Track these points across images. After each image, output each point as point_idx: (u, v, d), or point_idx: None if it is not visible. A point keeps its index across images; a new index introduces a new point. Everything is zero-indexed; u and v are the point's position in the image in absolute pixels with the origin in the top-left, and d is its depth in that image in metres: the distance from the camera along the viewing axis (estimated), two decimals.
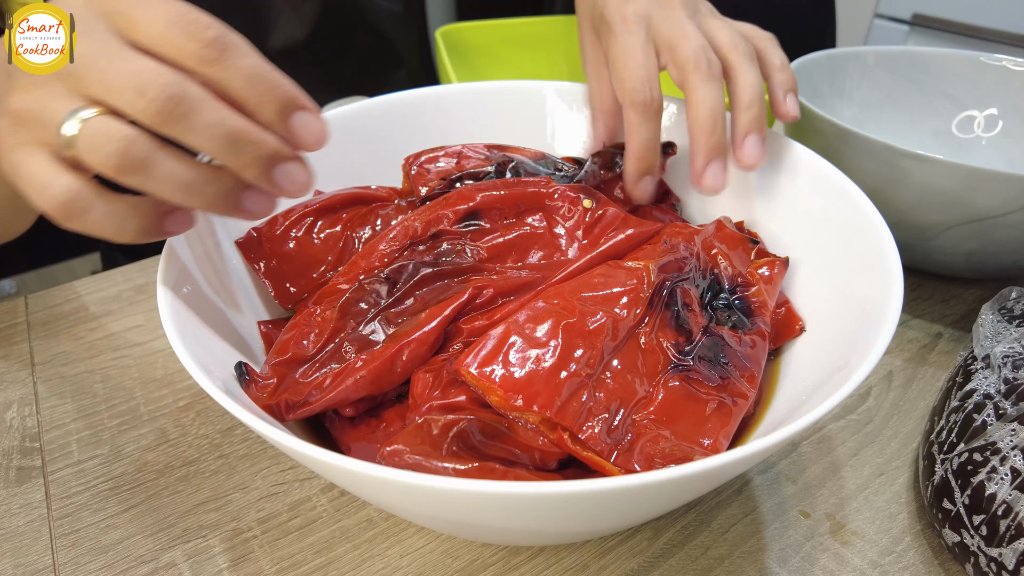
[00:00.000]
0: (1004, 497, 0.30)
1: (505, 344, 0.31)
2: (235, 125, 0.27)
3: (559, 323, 0.32)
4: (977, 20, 1.54)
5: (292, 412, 0.33)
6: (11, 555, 0.34)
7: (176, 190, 0.27)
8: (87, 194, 0.28)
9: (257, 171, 0.28)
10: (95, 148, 0.26)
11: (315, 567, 0.33)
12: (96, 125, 0.26)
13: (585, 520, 0.28)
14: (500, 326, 0.32)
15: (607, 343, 0.32)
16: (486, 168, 0.43)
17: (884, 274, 0.33)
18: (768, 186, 0.44)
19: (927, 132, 0.65)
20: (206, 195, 0.28)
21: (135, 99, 0.26)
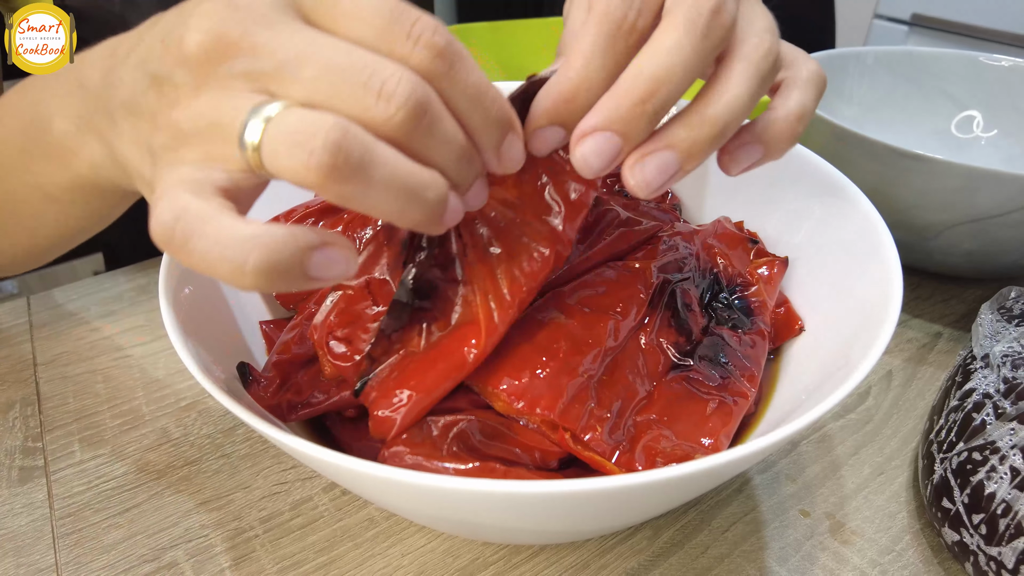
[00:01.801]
0: (1003, 496, 0.30)
1: (505, 348, 0.31)
2: (466, 143, 0.24)
3: (559, 325, 0.32)
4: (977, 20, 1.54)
5: (294, 413, 0.33)
6: (13, 555, 0.34)
7: (398, 195, 0.21)
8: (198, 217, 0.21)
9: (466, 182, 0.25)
10: (293, 147, 0.20)
11: (317, 566, 0.34)
12: (289, 119, 0.20)
13: (586, 519, 0.28)
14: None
15: (608, 344, 0.32)
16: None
17: (884, 274, 0.33)
18: (768, 186, 0.44)
19: (927, 132, 0.65)
20: (428, 199, 0.22)
21: (375, 102, 0.21)
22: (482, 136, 0.24)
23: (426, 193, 0.22)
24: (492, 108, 0.24)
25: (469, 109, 0.23)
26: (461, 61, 0.23)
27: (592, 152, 0.25)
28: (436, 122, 0.22)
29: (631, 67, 0.25)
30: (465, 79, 0.23)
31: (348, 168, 0.20)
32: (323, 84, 0.21)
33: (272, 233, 0.20)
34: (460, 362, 0.30)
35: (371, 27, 0.22)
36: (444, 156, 0.23)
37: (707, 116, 0.25)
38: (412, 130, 0.21)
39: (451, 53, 0.22)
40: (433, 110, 0.22)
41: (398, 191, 0.21)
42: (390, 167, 0.21)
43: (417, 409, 0.30)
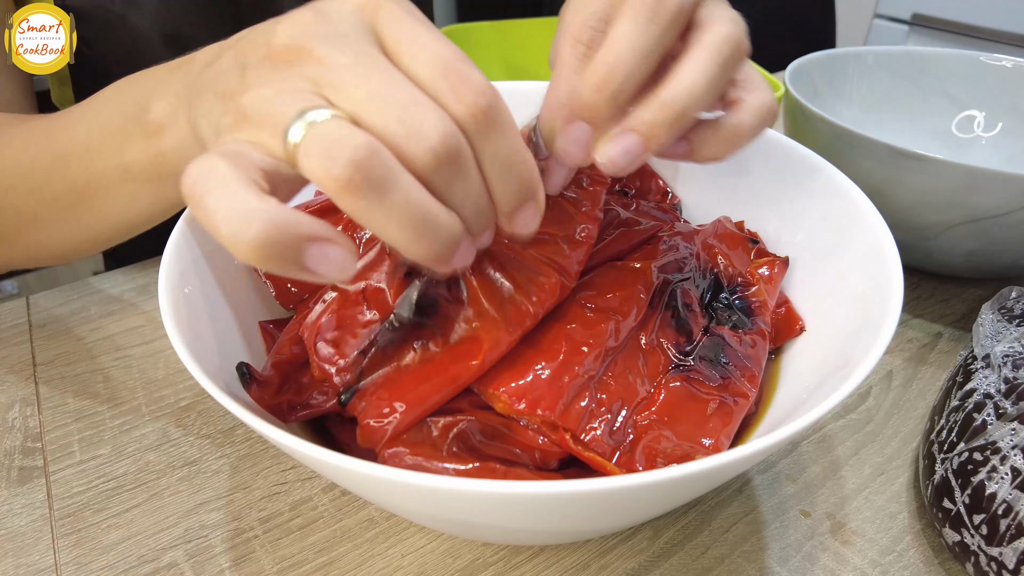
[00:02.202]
0: (1004, 496, 0.30)
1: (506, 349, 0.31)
2: (485, 202, 0.25)
3: (559, 326, 0.32)
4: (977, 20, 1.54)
5: (294, 413, 0.33)
6: (13, 555, 0.34)
7: (407, 224, 0.22)
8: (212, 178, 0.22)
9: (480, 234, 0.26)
10: (323, 153, 0.21)
11: (316, 567, 0.33)
12: (329, 127, 0.22)
13: (586, 520, 0.28)
14: None
15: (608, 344, 0.32)
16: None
17: (884, 274, 0.33)
18: (768, 186, 0.44)
19: (927, 132, 0.65)
20: (439, 236, 0.23)
21: (408, 139, 0.22)
22: (502, 198, 0.26)
23: (439, 230, 0.23)
24: (518, 176, 0.25)
25: (496, 171, 0.25)
26: (500, 124, 0.24)
27: (570, 142, 0.28)
28: (461, 171, 0.23)
29: (592, 61, 0.27)
30: (497, 143, 0.24)
31: (365, 185, 0.21)
32: (369, 106, 0.23)
33: (280, 212, 0.21)
34: (455, 377, 0.30)
35: (427, 69, 0.24)
36: (461, 204, 0.24)
37: (665, 100, 0.27)
38: (436, 171, 0.23)
39: (490, 115, 0.24)
40: (461, 161, 0.23)
41: (410, 220, 0.22)
42: (406, 195, 0.22)
43: (407, 420, 0.30)
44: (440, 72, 0.23)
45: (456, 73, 0.23)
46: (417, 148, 0.22)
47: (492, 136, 0.24)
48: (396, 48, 0.24)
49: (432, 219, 0.23)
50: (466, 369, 0.30)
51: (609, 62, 0.27)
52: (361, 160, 0.21)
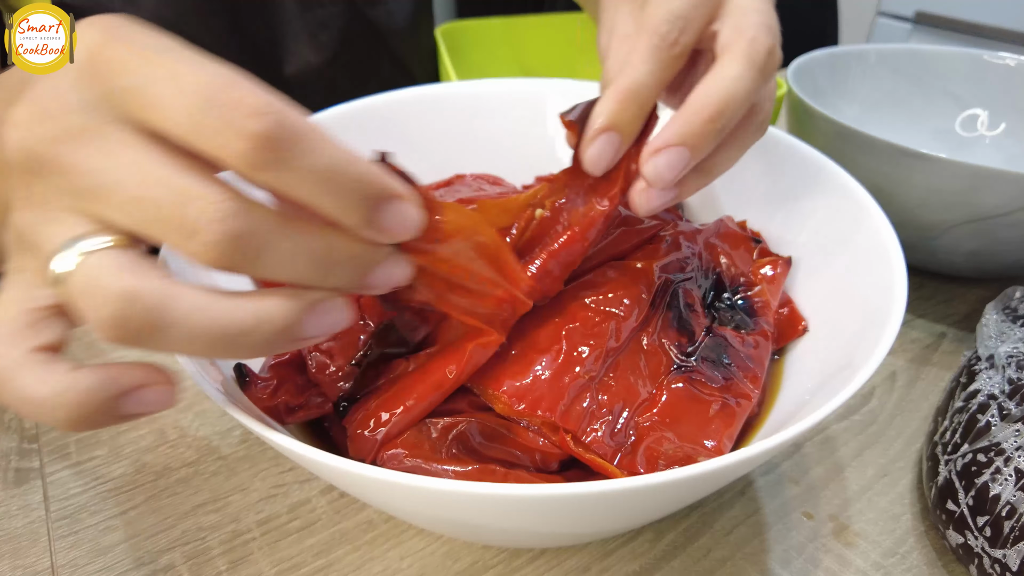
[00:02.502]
0: (1008, 498, 0.30)
1: (506, 350, 0.31)
2: (318, 249, 0.21)
3: (560, 326, 0.32)
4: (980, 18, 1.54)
5: (292, 415, 0.32)
6: (9, 557, 0.34)
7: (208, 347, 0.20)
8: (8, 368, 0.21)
9: (350, 286, 0.23)
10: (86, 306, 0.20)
11: (315, 569, 0.33)
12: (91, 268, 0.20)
13: (587, 522, 0.28)
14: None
15: (609, 345, 0.32)
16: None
17: (887, 274, 0.33)
18: (770, 185, 0.44)
19: (930, 131, 0.64)
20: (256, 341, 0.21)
21: (183, 240, 0.19)
22: (346, 216, 0.21)
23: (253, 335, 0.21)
24: (346, 186, 0.21)
25: (317, 195, 0.20)
26: (291, 143, 0.19)
27: (666, 165, 0.28)
28: (263, 249, 0.20)
29: (700, 90, 0.28)
30: (301, 164, 0.20)
31: (136, 335, 0.19)
32: (134, 215, 0.20)
33: (77, 388, 0.20)
34: (440, 381, 0.30)
35: (184, 120, 0.19)
36: (287, 275, 0.21)
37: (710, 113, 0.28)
38: (234, 262, 0.20)
39: (275, 138, 0.19)
40: (256, 236, 0.20)
41: (209, 342, 0.20)
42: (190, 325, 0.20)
43: (396, 430, 0.30)
44: (198, 117, 0.19)
45: (218, 106, 0.19)
46: (198, 250, 0.19)
47: (290, 162, 0.19)
48: (141, 109, 0.20)
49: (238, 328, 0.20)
50: (448, 371, 0.30)
51: (724, 99, 0.28)
52: (118, 316, 0.19)
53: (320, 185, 0.20)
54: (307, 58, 0.65)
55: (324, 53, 0.66)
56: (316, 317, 0.22)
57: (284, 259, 0.20)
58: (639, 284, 0.34)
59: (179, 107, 0.19)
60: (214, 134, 0.19)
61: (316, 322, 0.22)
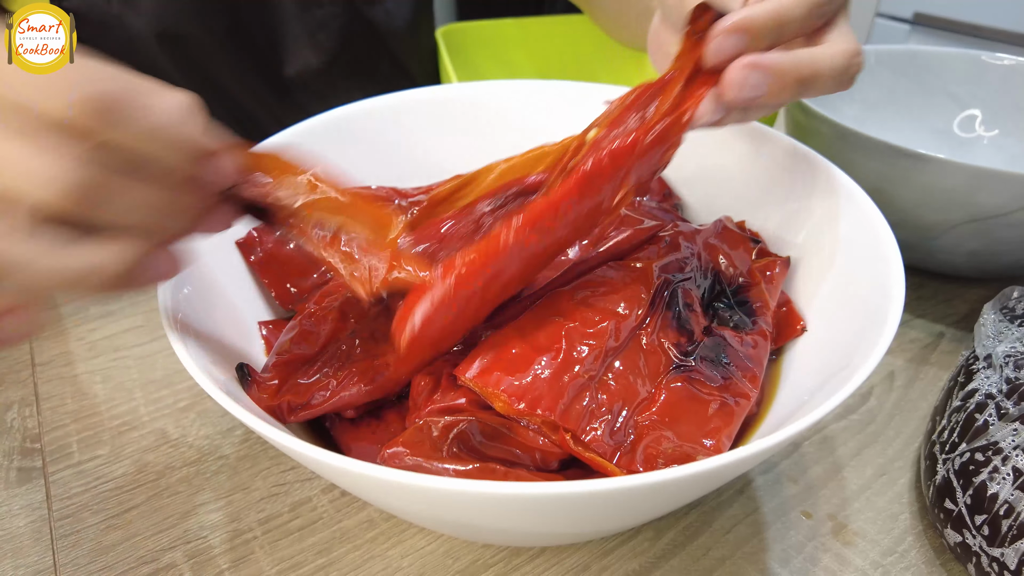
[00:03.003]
0: (1006, 497, 0.30)
1: (506, 349, 0.31)
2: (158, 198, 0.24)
3: (560, 325, 0.32)
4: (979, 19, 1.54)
5: (294, 414, 0.33)
6: (12, 556, 0.34)
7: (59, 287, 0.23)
8: None
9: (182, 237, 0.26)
10: None
11: (316, 568, 0.33)
12: None
13: (587, 521, 0.28)
14: (501, 330, 0.32)
15: (609, 344, 0.32)
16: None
17: (886, 274, 0.33)
18: (769, 185, 0.44)
19: (929, 131, 0.65)
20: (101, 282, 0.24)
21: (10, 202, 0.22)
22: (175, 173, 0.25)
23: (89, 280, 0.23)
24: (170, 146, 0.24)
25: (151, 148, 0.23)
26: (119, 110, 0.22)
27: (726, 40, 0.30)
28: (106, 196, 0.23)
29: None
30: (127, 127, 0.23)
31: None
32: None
33: None
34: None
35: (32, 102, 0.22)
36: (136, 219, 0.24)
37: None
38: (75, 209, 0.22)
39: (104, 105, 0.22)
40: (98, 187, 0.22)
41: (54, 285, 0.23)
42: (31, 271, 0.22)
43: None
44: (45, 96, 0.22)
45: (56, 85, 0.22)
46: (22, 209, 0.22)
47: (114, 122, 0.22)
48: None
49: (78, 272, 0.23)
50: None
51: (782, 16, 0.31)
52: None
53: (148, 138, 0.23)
54: (306, 59, 0.65)
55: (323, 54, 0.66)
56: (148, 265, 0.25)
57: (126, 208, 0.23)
58: (638, 284, 0.34)
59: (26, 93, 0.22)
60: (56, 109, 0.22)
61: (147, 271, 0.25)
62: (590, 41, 0.83)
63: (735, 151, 0.46)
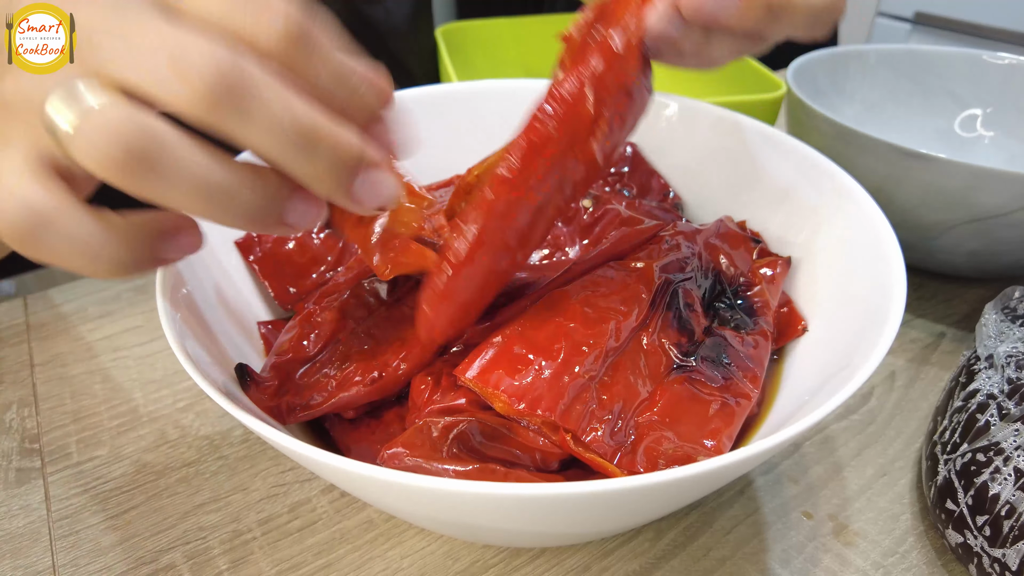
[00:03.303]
0: (1007, 498, 0.30)
1: (506, 349, 0.31)
2: (308, 118, 0.21)
3: (560, 325, 0.32)
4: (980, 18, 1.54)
5: (294, 415, 0.32)
6: (11, 557, 0.34)
7: (197, 197, 0.21)
8: (51, 210, 0.21)
9: (333, 181, 0.22)
10: (89, 141, 0.19)
11: (315, 568, 0.33)
12: (94, 111, 0.19)
13: (587, 521, 0.28)
14: (501, 330, 0.32)
15: (609, 344, 0.32)
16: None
17: (887, 274, 0.33)
18: (770, 185, 0.44)
19: (929, 131, 0.64)
20: (239, 204, 0.21)
21: (169, 79, 0.19)
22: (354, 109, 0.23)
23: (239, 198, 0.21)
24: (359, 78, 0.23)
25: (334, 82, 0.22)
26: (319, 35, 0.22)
27: None
28: (250, 95, 0.20)
29: None
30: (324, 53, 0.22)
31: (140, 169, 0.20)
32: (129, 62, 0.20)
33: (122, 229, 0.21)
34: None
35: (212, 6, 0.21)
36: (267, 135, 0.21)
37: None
38: (212, 107, 0.20)
39: (305, 26, 0.21)
40: (246, 81, 0.20)
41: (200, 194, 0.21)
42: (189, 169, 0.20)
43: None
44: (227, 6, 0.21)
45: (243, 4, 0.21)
46: (177, 89, 0.19)
47: (312, 45, 0.21)
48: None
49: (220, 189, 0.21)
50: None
51: None
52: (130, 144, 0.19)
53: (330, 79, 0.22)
54: None
55: None
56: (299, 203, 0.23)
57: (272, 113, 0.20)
58: (639, 284, 0.34)
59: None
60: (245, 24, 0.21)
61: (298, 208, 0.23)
62: None
63: (736, 151, 0.46)
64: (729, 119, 0.46)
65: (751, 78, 0.66)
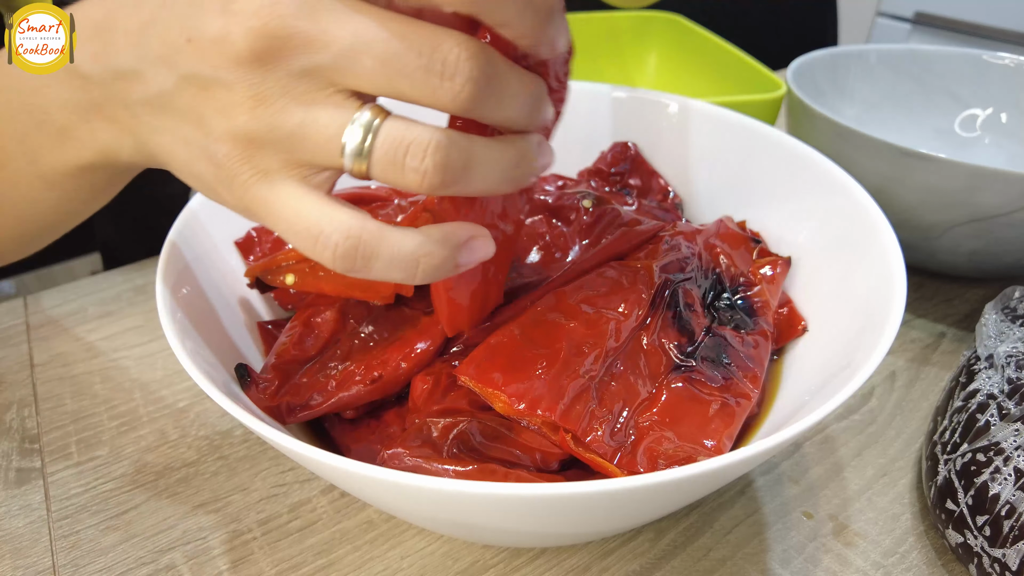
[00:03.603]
0: (1007, 498, 0.30)
1: (507, 349, 0.31)
2: (534, 86, 0.23)
3: (561, 326, 0.32)
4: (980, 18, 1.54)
5: (293, 415, 0.32)
6: (11, 557, 0.34)
7: (500, 180, 0.24)
8: (371, 234, 0.22)
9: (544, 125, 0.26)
10: (404, 166, 0.22)
11: (315, 569, 0.33)
12: (393, 133, 0.22)
13: (587, 522, 0.28)
14: (501, 331, 0.32)
15: (609, 345, 0.32)
16: None
17: (887, 274, 0.33)
18: (770, 185, 0.44)
19: (929, 131, 0.64)
20: (525, 170, 0.25)
21: (439, 84, 0.21)
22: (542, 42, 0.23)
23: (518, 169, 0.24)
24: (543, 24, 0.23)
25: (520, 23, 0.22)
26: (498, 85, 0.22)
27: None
28: (502, 84, 0.22)
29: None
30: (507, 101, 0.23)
31: (454, 179, 0.22)
32: (386, 73, 0.21)
33: (432, 241, 0.23)
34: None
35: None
36: (517, 111, 0.23)
37: None
38: (481, 102, 0.22)
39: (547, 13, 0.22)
40: (497, 72, 0.22)
41: (498, 178, 0.23)
42: (488, 163, 0.23)
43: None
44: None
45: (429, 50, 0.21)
46: (451, 91, 0.21)
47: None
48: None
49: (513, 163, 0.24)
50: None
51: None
52: (440, 164, 0.21)
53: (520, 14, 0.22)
54: None
55: None
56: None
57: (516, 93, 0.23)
58: (639, 284, 0.34)
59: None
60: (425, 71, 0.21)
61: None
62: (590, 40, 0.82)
63: (735, 151, 0.46)
64: (729, 119, 0.46)
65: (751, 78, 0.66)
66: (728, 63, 0.69)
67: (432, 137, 0.21)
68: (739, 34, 0.77)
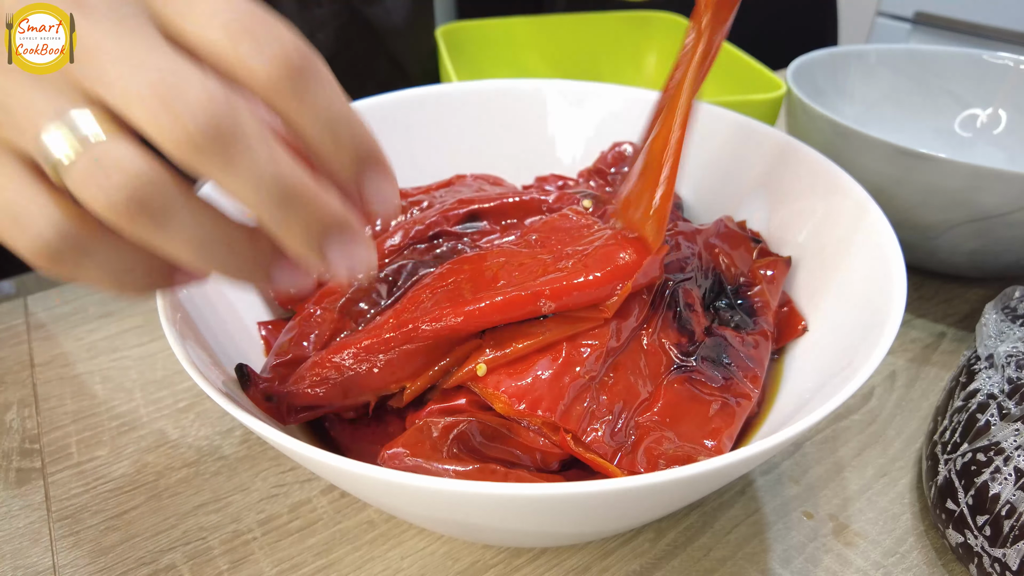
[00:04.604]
0: (1008, 497, 0.30)
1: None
2: (291, 174, 0.20)
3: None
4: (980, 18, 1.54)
5: (293, 415, 0.32)
6: (11, 557, 0.34)
7: (193, 250, 0.21)
8: (84, 237, 0.20)
9: (306, 241, 0.22)
10: (95, 181, 0.19)
11: (315, 569, 0.33)
12: (100, 150, 0.19)
13: (587, 522, 0.28)
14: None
15: (610, 345, 0.32)
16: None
17: (887, 273, 0.33)
18: (770, 185, 0.44)
19: (929, 130, 0.64)
20: (230, 260, 0.22)
21: (161, 113, 0.19)
22: (336, 166, 0.22)
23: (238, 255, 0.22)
24: (349, 133, 0.22)
25: (319, 132, 0.21)
26: (314, 78, 0.21)
27: None
28: (240, 144, 0.19)
29: None
30: (314, 98, 0.21)
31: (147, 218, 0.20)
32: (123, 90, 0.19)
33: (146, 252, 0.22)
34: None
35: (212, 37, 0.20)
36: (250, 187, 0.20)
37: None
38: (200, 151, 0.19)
39: (301, 69, 0.20)
40: (238, 128, 0.19)
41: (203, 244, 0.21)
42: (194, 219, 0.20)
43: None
44: (224, 32, 0.20)
45: (251, 27, 0.20)
46: (166, 125, 0.19)
47: (306, 91, 0.20)
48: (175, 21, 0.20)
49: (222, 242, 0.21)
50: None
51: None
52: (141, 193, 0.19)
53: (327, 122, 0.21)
54: None
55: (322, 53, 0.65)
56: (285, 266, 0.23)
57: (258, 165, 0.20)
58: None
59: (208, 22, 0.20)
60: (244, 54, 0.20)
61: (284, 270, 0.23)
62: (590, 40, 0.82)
63: (735, 151, 0.46)
64: (729, 119, 0.46)
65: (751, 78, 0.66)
66: (728, 63, 0.69)
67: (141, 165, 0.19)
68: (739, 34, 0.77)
